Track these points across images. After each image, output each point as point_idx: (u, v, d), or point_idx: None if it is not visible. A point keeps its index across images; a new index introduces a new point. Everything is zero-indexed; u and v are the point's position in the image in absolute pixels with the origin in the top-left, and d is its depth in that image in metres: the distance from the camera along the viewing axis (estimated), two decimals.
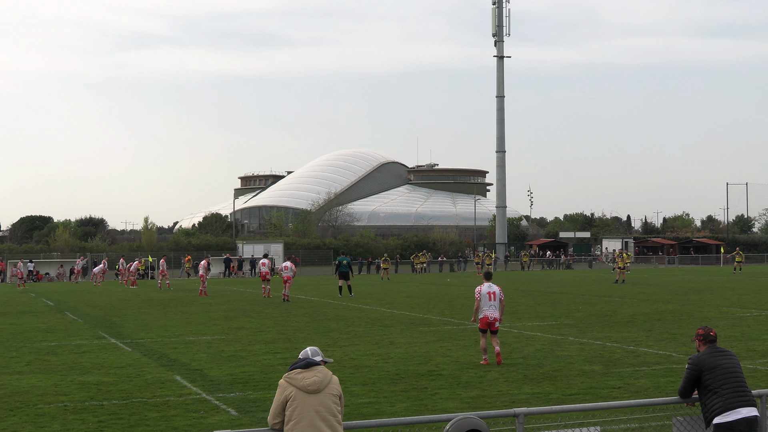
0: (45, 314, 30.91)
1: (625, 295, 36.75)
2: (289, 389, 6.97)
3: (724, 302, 32.24)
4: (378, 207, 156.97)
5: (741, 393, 8.00)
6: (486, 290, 17.05)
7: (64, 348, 20.39)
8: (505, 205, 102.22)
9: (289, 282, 36.21)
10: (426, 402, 12.96)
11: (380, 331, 23.29)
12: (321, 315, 28.73)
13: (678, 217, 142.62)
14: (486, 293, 17.02)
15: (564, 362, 16.81)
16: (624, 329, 22.85)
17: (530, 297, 36.50)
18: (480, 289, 17.09)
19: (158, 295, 41.75)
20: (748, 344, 19.31)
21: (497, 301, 17.05)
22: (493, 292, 17.02)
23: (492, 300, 17.00)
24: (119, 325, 26.07)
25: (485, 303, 16.98)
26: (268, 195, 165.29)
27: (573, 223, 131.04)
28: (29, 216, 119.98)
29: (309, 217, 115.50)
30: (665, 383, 14.20)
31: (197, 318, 28.22)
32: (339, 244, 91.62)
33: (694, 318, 25.83)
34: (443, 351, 18.76)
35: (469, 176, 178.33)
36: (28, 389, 14.56)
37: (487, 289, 17.07)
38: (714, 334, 8.46)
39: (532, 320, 25.84)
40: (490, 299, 17.00)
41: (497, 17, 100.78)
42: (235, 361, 17.59)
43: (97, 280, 56.06)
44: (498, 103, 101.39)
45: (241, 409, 12.71)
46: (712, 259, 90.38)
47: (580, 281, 51.88)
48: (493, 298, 17.02)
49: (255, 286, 50.04)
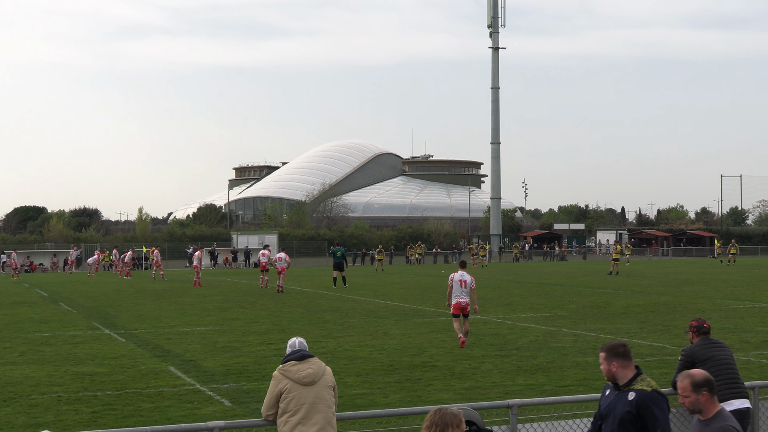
0: (39, 305, 30.88)
1: (619, 287, 36.83)
2: (284, 381, 6.97)
3: (717, 294, 32.33)
4: (373, 198, 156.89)
5: (734, 385, 8.02)
6: (458, 278, 18.17)
7: (57, 338, 20.37)
8: (499, 196, 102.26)
9: (284, 273, 36.22)
10: (420, 393, 12.98)
11: (374, 322, 23.31)
12: (315, 306, 28.75)
13: (672, 209, 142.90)
14: (458, 280, 18.15)
15: (558, 354, 16.85)
16: (618, 321, 22.90)
17: (524, 288, 36.55)
18: (453, 277, 18.24)
19: (152, 286, 41.72)
20: (742, 336, 19.37)
21: (468, 288, 18.10)
22: (465, 280, 18.13)
23: (463, 287, 18.09)
24: (113, 316, 26.05)
25: (457, 289, 18.10)
26: (262, 186, 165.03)
27: (567, 215, 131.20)
28: (23, 206, 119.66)
29: (303, 208, 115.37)
30: (659, 375, 14.24)
31: (191, 309, 28.22)
32: (333, 235, 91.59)
33: (688, 310, 25.89)
34: (437, 342, 18.79)
35: (463, 167, 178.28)
36: (21, 380, 14.55)
37: (459, 276, 18.18)
38: (707, 325, 8.48)
39: (526, 312, 25.89)
40: (462, 286, 18.11)
41: (492, 8, 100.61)
42: (229, 352, 17.59)
43: (91, 271, 56.00)
44: (493, 94, 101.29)
45: (234, 399, 12.71)
46: (706, 251, 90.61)
47: (574, 273, 51.98)
48: (464, 285, 18.11)
49: (249, 276, 50.04)
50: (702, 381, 5.65)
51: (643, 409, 6.06)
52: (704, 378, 5.67)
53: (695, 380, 5.66)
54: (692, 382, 5.66)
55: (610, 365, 6.35)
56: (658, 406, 6.08)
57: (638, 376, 6.27)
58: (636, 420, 6.08)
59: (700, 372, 5.78)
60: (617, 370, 6.32)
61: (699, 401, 5.63)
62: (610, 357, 6.35)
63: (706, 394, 5.60)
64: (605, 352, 6.40)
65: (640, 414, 6.07)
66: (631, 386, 6.22)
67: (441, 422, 4.79)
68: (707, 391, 5.60)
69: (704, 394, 5.59)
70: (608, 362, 6.36)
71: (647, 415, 6.05)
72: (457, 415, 4.84)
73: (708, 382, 5.66)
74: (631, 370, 6.31)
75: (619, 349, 6.35)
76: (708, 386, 5.64)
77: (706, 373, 5.76)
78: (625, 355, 6.34)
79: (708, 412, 5.67)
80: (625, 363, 6.31)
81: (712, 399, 5.66)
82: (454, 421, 4.80)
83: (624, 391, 6.24)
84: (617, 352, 6.33)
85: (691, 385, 5.65)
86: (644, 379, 6.24)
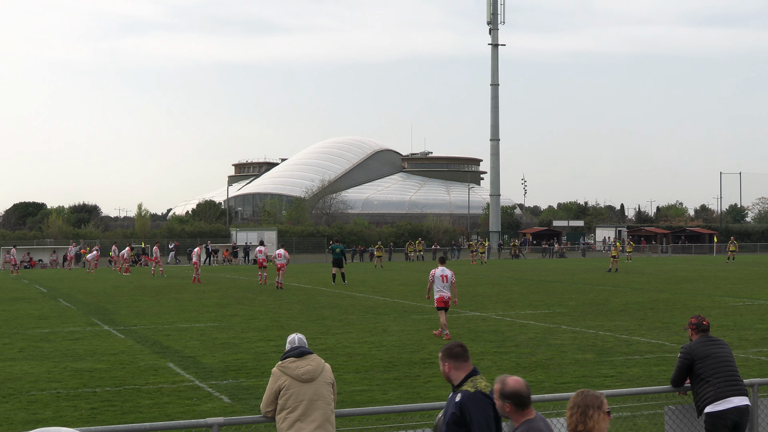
0: (38, 301, 30.87)
1: (618, 284, 36.84)
2: (283, 378, 6.97)
3: (716, 291, 32.34)
4: (372, 195, 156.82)
5: (733, 382, 8.02)
6: (440, 273, 19.12)
7: (57, 335, 20.36)
8: (498, 193, 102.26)
9: (283, 269, 36.22)
10: (419, 390, 12.98)
11: (373, 318, 23.31)
12: (314, 302, 28.74)
13: (671, 206, 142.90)
14: (440, 276, 19.10)
15: (557, 351, 16.85)
16: (617, 318, 22.91)
17: (523, 285, 36.56)
18: (434, 272, 19.20)
19: (151, 282, 41.72)
20: (741, 333, 19.38)
21: (449, 283, 19.04)
22: (446, 275, 19.11)
23: (445, 282, 19.03)
24: (112, 312, 26.04)
25: (439, 284, 19.03)
26: (261, 182, 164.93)
27: (566, 212, 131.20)
28: (22, 202, 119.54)
29: (303, 204, 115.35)
30: (657, 372, 14.25)
31: (190, 305, 28.21)
32: (332, 231, 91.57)
33: (687, 307, 25.90)
34: (436, 339, 18.79)
35: (463, 164, 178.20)
36: (20, 376, 14.55)
37: (440, 272, 19.13)
38: (707, 323, 8.48)
39: (525, 308, 25.90)
40: (443, 281, 19.03)
41: (492, 5, 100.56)
42: (228, 349, 17.59)
43: (91, 267, 55.97)
44: (492, 91, 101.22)
45: (233, 396, 12.72)
46: (705, 249, 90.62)
47: (573, 270, 51.98)
48: (445, 280, 19.05)
49: (248, 273, 50.03)
50: (508, 393, 5.27)
51: (465, 410, 5.91)
52: (512, 391, 5.26)
53: (503, 390, 5.31)
54: (500, 390, 5.32)
55: (444, 366, 6.22)
56: (478, 407, 5.90)
57: (470, 377, 6.12)
58: (461, 422, 5.92)
59: (514, 382, 5.30)
60: (450, 371, 6.19)
61: (504, 409, 5.31)
62: (444, 357, 6.23)
63: (510, 406, 5.23)
64: (441, 353, 6.27)
65: (463, 415, 5.92)
66: (461, 387, 6.07)
67: (583, 404, 4.85)
68: (511, 404, 5.22)
69: (508, 405, 5.24)
70: (443, 363, 6.23)
71: (469, 416, 5.89)
72: (599, 396, 4.90)
73: (514, 395, 5.25)
74: (465, 371, 6.16)
75: (455, 350, 6.22)
76: (513, 399, 5.25)
77: (517, 385, 5.28)
78: (460, 356, 6.19)
79: (515, 422, 5.32)
80: (458, 364, 6.17)
81: (519, 411, 5.25)
82: (596, 403, 4.86)
83: (454, 393, 6.11)
84: (452, 353, 6.20)
85: (499, 392, 5.32)
86: (474, 380, 6.09)
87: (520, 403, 5.25)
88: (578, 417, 4.83)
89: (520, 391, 5.26)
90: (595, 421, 4.81)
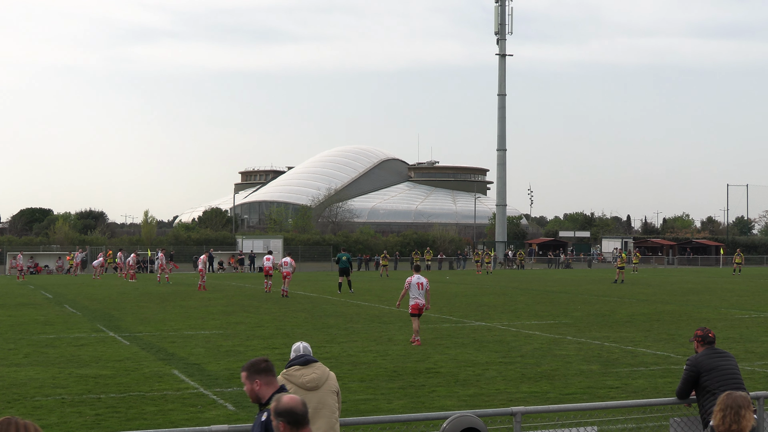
0: (44, 306, 30.91)
1: (624, 295, 36.75)
2: (288, 386, 6.97)
3: (723, 303, 32.24)
4: (378, 204, 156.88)
5: None
6: (415, 281, 19.82)
7: (62, 341, 20.39)
8: (505, 203, 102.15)
9: (289, 277, 36.22)
10: (423, 399, 12.96)
11: (378, 327, 23.29)
12: (320, 311, 28.73)
13: (678, 217, 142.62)
14: (415, 283, 19.79)
15: (562, 361, 16.81)
16: (622, 329, 22.85)
17: (529, 296, 36.49)
18: (410, 280, 19.88)
19: (157, 289, 41.76)
20: (747, 346, 19.31)
21: (424, 290, 19.71)
22: (421, 283, 19.80)
23: (420, 289, 19.71)
24: (118, 319, 26.07)
25: (414, 291, 19.71)
26: (268, 190, 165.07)
27: (573, 223, 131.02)
28: (29, 208, 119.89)
29: (309, 212, 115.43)
30: (663, 384, 14.21)
31: (196, 312, 28.23)
32: (338, 240, 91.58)
33: (693, 319, 25.82)
34: (441, 349, 18.77)
35: (469, 174, 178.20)
36: (25, 381, 14.56)
37: (416, 280, 19.83)
38: (713, 335, 8.46)
39: (530, 319, 25.85)
40: (419, 288, 19.72)
41: (500, 15, 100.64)
42: (233, 356, 17.59)
43: (97, 273, 56.06)
44: (499, 101, 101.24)
45: (238, 404, 12.71)
46: (712, 260, 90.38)
47: (579, 280, 51.88)
48: (421, 287, 19.74)
49: (254, 281, 50.05)
50: (281, 410, 4.86)
51: (271, 429, 5.36)
52: (285, 408, 4.88)
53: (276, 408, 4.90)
54: (274, 408, 4.91)
55: (252, 384, 5.90)
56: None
57: (276, 394, 5.74)
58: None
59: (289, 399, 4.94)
60: (261, 388, 5.88)
61: (279, 428, 4.85)
62: (253, 375, 5.89)
63: (284, 425, 4.83)
64: (246, 371, 5.93)
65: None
66: (267, 406, 5.68)
67: (735, 404, 5.08)
68: (285, 422, 4.83)
69: (282, 424, 4.85)
70: (251, 381, 5.90)
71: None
72: (746, 397, 5.16)
73: (288, 413, 4.85)
74: (273, 387, 5.90)
75: (261, 365, 5.92)
76: (286, 417, 4.84)
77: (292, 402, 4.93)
78: (268, 370, 5.90)
79: None
80: (268, 379, 5.88)
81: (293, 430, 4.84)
82: (745, 403, 5.12)
83: (261, 411, 5.75)
84: (259, 368, 5.89)
85: (273, 410, 4.93)
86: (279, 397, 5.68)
87: (294, 421, 4.89)
88: (732, 417, 5.08)
89: (295, 408, 4.92)
90: (747, 420, 5.10)
